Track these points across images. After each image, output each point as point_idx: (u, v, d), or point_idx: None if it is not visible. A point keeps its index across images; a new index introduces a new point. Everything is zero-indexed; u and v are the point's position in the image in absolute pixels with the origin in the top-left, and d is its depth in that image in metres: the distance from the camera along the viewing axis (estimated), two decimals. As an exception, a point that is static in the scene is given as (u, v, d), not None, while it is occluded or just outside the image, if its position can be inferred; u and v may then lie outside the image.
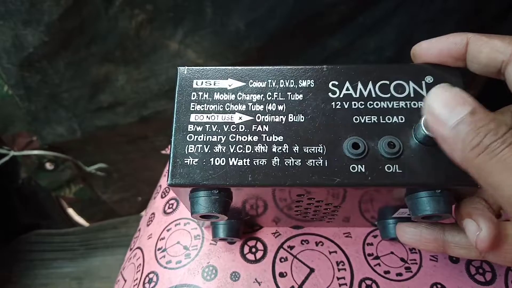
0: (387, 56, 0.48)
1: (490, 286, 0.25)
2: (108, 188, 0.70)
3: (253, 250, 0.27)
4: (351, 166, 0.19)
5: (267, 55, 0.48)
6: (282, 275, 0.26)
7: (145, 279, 0.28)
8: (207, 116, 0.21)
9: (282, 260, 0.27)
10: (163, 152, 0.50)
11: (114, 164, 0.65)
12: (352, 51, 0.49)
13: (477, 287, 0.25)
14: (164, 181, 0.36)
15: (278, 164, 0.19)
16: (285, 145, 0.20)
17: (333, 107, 0.20)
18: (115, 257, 0.70)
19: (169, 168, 0.20)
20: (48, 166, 0.62)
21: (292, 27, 0.46)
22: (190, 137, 0.20)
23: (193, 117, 0.21)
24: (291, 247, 0.27)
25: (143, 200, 0.72)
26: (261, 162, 0.19)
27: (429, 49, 0.20)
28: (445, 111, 0.16)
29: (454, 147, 0.16)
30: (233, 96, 0.21)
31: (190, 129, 0.20)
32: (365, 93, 0.21)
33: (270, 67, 0.21)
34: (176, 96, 0.21)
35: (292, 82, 0.21)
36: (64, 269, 0.72)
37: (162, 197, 0.33)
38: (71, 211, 0.75)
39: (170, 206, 0.31)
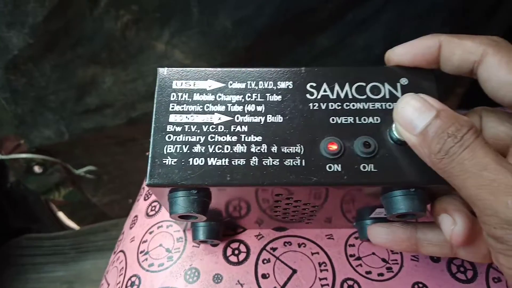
0: (375, 54, 0.48)
1: (471, 284, 0.25)
2: (98, 190, 0.69)
3: (236, 252, 0.27)
4: (328, 165, 0.19)
5: (255, 54, 0.48)
6: (264, 276, 0.26)
7: (127, 282, 0.28)
8: (186, 117, 0.21)
9: (265, 261, 0.27)
10: (148, 154, 0.50)
11: (103, 167, 0.64)
12: (341, 49, 0.49)
13: (459, 285, 0.25)
14: (146, 183, 0.35)
15: (256, 164, 0.19)
16: (264, 145, 0.20)
17: (311, 108, 0.21)
18: (106, 261, 0.69)
19: (147, 168, 0.20)
20: (37, 169, 0.62)
21: (281, 25, 0.45)
22: (169, 137, 0.20)
23: (172, 118, 0.21)
24: (274, 249, 0.27)
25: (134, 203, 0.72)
26: (240, 162, 0.19)
27: (403, 55, 0.21)
28: (412, 117, 0.17)
29: (422, 152, 0.17)
30: (213, 97, 0.21)
31: (169, 129, 0.20)
32: (342, 95, 0.21)
33: (250, 68, 0.22)
34: (155, 96, 0.21)
35: (271, 84, 0.21)
36: (55, 273, 0.71)
37: (145, 200, 0.33)
38: (61, 215, 0.74)
39: (153, 208, 0.31)
